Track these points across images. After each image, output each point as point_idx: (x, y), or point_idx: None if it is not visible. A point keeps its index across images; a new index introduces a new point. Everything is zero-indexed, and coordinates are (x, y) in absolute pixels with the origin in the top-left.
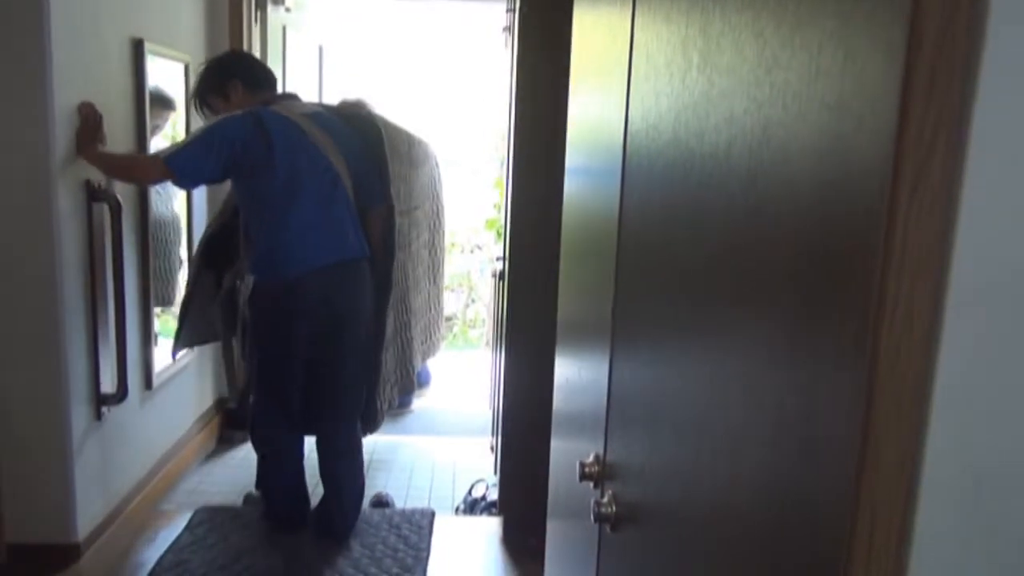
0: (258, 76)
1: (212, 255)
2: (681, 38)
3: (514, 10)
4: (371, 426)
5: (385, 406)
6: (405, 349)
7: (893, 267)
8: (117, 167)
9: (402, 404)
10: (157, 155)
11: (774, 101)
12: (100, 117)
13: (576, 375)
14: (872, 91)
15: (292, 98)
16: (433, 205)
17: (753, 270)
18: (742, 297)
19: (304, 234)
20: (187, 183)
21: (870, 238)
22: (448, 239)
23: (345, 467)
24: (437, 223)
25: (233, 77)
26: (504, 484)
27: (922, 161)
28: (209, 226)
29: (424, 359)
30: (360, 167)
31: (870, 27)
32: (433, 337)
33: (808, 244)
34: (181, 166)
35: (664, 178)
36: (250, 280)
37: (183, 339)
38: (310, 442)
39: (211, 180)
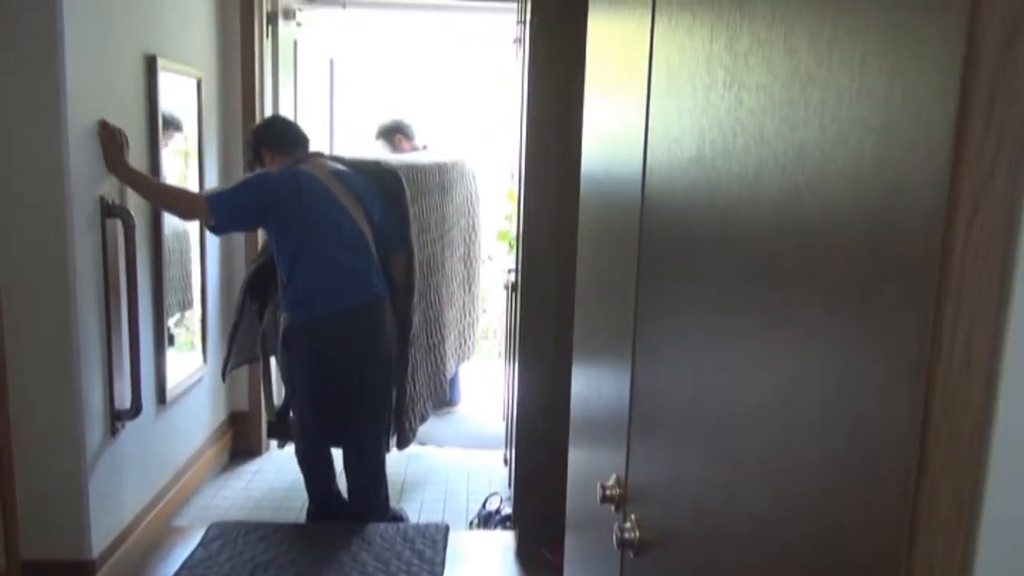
0: (284, 141)
1: (255, 288)
2: (705, 54)
3: (524, 22)
4: (403, 443)
5: (416, 423)
6: (438, 365)
7: (950, 300)
8: (155, 193)
9: (447, 403)
10: (200, 193)
11: (809, 122)
12: (122, 132)
13: (595, 392)
14: (923, 111)
15: (319, 156)
16: (469, 219)
17: (789, 294)
18: (778, 319)
19: (330, 279)
20: (221, 222)
21: (923, 269)
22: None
23: (368, 476)
24: (473, 235)
25: (262, 144)
26: (518, 498)
27: (981, 186)
28: (253, 263)
29: (459, 363)
30: (381, 218)
31: (920, 44)
32: (468, 342)
33: (852, 272)
34: (220, 207)
35: (688, 195)
36: (285, 317)
37: (232, 362)
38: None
39: (242, 224)
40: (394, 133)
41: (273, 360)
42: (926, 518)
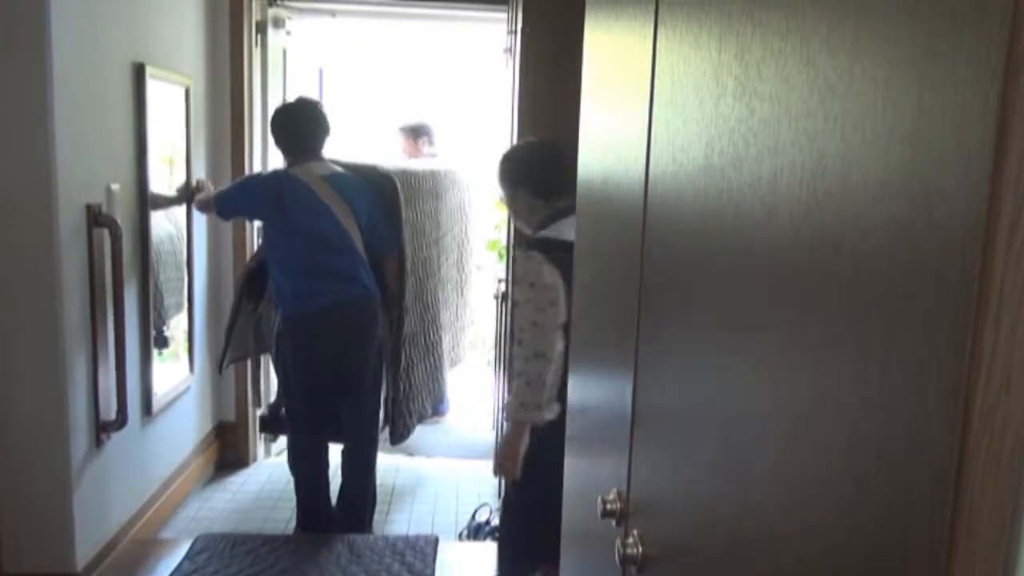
0: (289, 138)
1: (251, 286)
2: (713, 64)
3: (515, 32)
4: (397, 438)
5: (415, 419)
6: (436, 365)
7: (989, 316)
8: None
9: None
10: (213, 193)
11: (830, 132)
12: (204, 183)
13: (593, 404)
14: (959, 123)
15: (317, 159)
16: (462, 225)
17: (807, 306)
18: (795, 333)
19: (313, 279)
20: (224, 214)
21: (960, 283)
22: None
23: (360, 467)
24: (465, 241)
25: (272, 132)
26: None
27: (1023, 198)
28: (250, 261)
29: (452, 366)
30: (371, 220)
31: (955, 55)
32: (459, 346)
33: (877, 285)
34: (221, 204)
35: (695, 204)
36: (277, 315)
37: (228, 357)
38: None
39: (239, 216)
40: (421, 135)
41: (266, 356)
42: (964, 540)
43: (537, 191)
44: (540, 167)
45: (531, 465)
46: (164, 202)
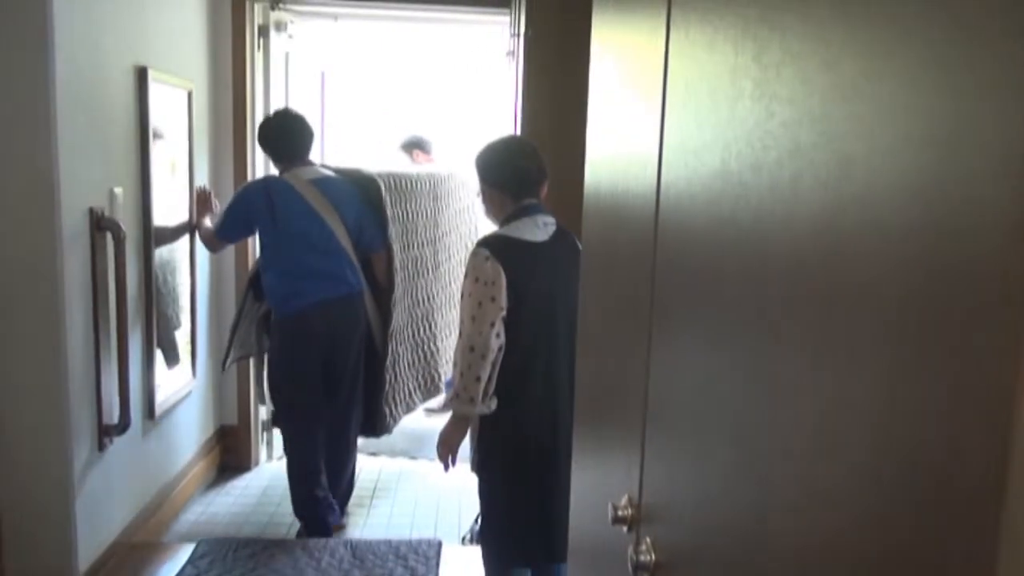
0: (276, 148)
1: (255, 288)
2: (729, 67)
3: (518, 35)
4: (382, 429)
5: (399, 411)
6: (429, 360)
7: None
8: (203, 240)
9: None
10: (213, 229)
11: (853, 135)
12: (209, 193)
13: (604, 408)
14: (994, 127)
15: (307, 164)
16: (470, 226)
17: (831, 313)
18: (816, 340)
19: (300, 279)
20: (226, 241)
21: (1004, 290)
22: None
23: (343, 454)
24: (472, 243)
25: (260, 144)
26: None
27: None
28: (255, 265)
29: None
30: (359, 220)
31: (984, 58)
32: None
33: (909, 291)
34: (223, 234)
35: (711, 209)
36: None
37: (231, 356)
38: None
39: (241, 237)
40: (412, 147)
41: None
42: (1009, 550)
43: (503, 188)
44: (503, 165)
45: (485, 462)
46: (170, 235)
